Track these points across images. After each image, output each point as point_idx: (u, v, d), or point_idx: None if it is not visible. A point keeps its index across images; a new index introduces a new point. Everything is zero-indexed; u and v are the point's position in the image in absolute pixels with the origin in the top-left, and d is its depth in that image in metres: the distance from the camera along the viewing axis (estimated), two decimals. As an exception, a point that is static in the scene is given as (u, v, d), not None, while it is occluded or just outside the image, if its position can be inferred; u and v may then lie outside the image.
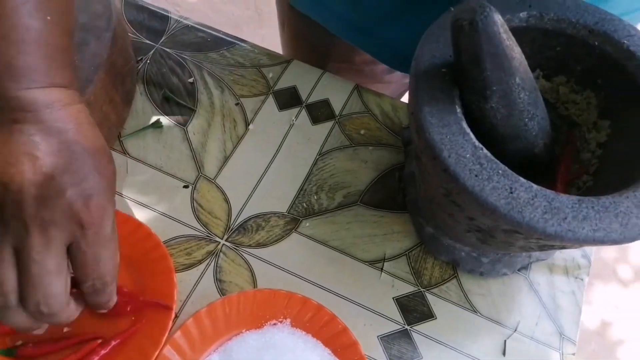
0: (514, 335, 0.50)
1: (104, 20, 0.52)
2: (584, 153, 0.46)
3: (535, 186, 0.36)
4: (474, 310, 0.51)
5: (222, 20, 1.80)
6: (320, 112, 0.59)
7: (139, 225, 0.50)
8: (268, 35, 1.76)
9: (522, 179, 0.36)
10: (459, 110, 0.38)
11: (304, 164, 0.56)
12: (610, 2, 0.54)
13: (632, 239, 0.35)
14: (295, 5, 0.68)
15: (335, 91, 0.60)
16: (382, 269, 0.52)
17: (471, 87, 0.38)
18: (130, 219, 0.51)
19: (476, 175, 0.36)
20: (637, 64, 0.42)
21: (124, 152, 0.55)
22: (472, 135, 0.37)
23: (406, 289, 0.51)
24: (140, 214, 0.52)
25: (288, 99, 0.59)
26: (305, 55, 0.75)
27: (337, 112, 0.59)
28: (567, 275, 0.53)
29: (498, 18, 0.35)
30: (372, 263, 0.52)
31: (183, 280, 0.50)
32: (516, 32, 0.44)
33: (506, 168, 0.36)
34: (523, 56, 0.38)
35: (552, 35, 0.44)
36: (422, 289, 0.51)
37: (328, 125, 0.58)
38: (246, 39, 0.65)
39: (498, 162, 0.36)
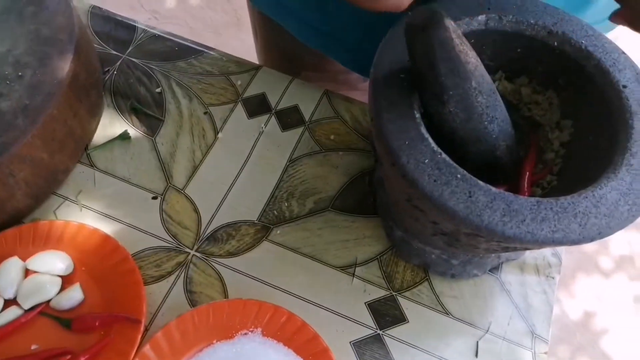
0: (486, 336, 0.50)
1: (66, 34, 0.51)
2: (548, 153, 0.46)
3: (493, 189, 0.36)
4: (446, 312, 0.51)
5: (201, 26, 1.80)
6: (289, 118, 0.59)
7: (106, 238, 0.50)
8: (248, 39, 1.76)
9: (480, 183, 0.36)
10: (417, 115, 0.38)
11: (274, 171, 0.56)
12: (586, 12, 0.55)
13: (591, 239, 0.36)
14: (260, 8, 0.68)
15: (304, 97, 0.60)
16: (353, 274, 0.52)
17: (429, 92, 0.38)
18: (97, 233, 0.50)
19: (435, 180, 0.36)
20: (595, 63, 0.42)
21: (92, 165, 0.55)
22: (430, 141, 0.37)
23: (378, 293, 0.51)
24: (109, 227, 0.52)
25: (257, 106, 0.59)
26: (278, 64, 0.75)
27: (306, 118, 0.59)
28: (538, 274, 0.53)
29: (450, 24, 0.35)
30: (343, 268, 0.52)
31: (153, 293, 0.49)
32: (476, 34, 0.44)
33: (465, 172, 0.36)
34: (479, 60, 0.38)
35: (512, 37, 0.44)
36: (394, 293, 0.51)
37: (298, 131, 0.58)
38: (226, 44, 0.65)
39: (457, 166, 0.37)
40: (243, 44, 1.72)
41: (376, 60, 0.41)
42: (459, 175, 0.36)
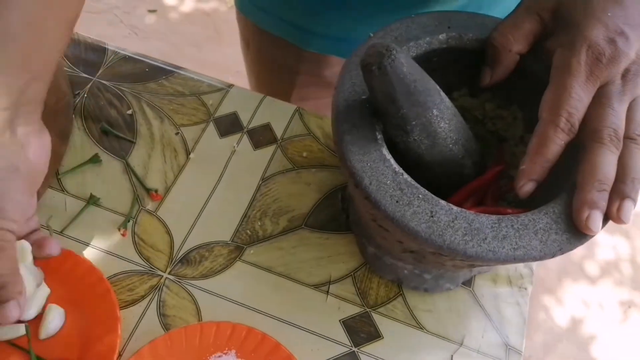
0: (461, 350, 0.50)
1: (32, 59, 0.51)
2: (513, 168, 0.47)
3: (455, 208, 0.36)
4: (420, 327, 0.51)
5: (182, 41, 1.80)
6: (261, 137, 0.59)
7: (80, 260, 0.50)
8: (228, 52, 1.76)
9: (442, 202, 0.36)
10: (379, 136, 0.39)
11: (247, 190, 0.56)
12: None
13: (552, 255, 0.36)
14: (250, 18, 0.69)
15: (276, 115, 0.61)
16: (327, 291, 0.52)
17: (391, 123, 0.39)
18: (71, 254, 0.50)
19: (397, 201, 0.36)
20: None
21: (62, 189, 0.55)
22: (392, 161, 0.38)
23: (352, 310, 0.51)
24: (81, 252, 0.51)
25: (229, 126, 0.59)
26: (272, 72, 0.75)
27: (278, 136, 0.59)
28: (510, 285, 0.53)
29: (405, 59, 0.35)
30: (317, 286, 0.52)
31: (126, 317, 0.49)
32: (437, 53, 0.45)
33: (427, 192, 0.37)
34: (437, 87, 0.39)
35: (474, 54, 0.45)
36: (368, 309, 0.51)
37: (270, 149, 0.59)
38: (207, 58, 0.66)
39: (418, 186, 0.37)
40: (224, 58, 1.73)
41: (338, 83, 0.41)
42: (420, 195, 0.37)
